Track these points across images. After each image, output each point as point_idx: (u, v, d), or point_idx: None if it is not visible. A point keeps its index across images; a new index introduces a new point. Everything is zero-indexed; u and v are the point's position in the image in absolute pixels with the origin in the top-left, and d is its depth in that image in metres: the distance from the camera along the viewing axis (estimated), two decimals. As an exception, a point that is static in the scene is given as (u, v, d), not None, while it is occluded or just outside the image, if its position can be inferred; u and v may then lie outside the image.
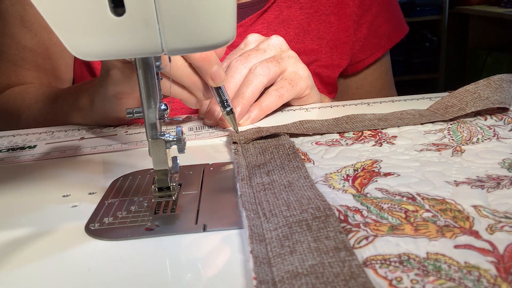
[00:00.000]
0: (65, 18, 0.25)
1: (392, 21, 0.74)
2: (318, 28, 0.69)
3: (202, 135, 0.48)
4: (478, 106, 0.46)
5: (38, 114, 0.61)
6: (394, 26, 0.74)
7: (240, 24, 0.65)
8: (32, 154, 0.46)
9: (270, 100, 0.51)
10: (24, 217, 0.33)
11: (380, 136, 0.43)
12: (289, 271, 0.23)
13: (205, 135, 0.48)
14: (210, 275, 0.25)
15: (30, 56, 0.68)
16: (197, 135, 0.48)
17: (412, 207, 0.29)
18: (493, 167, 0.35)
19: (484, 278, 0.22)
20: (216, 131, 0.49)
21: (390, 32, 0.74)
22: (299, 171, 0.34)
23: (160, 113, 0.32)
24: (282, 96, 0.52)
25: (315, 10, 0.68)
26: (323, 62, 0.70)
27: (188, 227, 0.30)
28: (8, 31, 0.67)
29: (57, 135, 0.52)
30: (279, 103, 0.52)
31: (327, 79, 0.71)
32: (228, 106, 0.46)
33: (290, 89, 0.52)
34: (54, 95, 0.61)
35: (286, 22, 0.67)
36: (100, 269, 0.26)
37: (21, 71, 0.69)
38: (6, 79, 0.69)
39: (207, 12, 0.26)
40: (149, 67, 0.30)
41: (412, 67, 2.69)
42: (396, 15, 0.76)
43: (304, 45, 0.68)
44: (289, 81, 0.52)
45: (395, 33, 0.75)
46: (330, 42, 0.70)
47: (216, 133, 0.49)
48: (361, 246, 0.26)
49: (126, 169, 0.40)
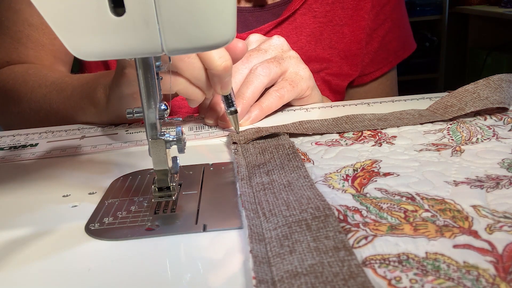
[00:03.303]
0: (65, 18, 0.25)
1: (402, 38, 0.75)
2: (331, 38, 0.69)
3: (202, 135, 0.48)
4: (477, 106, 0.46)
5: (43, 100, 0.59)
6: (403, 43, 0.76)
7: (260, 28, 0.66)
8: (33, 152, 0.46)
9: (271, 100, 0.51)
10: (24, 217, 0.33)
11: (379, 136, 0.43)
12: (289, 271, 0.23)
13: (205, 135, 0.48)
14: (210, 275, 0.25)
15: (36, 35, 0.67)
16: (197, 135, 0.48)
17: (412, 207, 0.29)
18: (492, 167, 0.35)
19: (483, 277, 0.22)
20: (216, 131, 0.49)
21: (399, 49, 0.75)
22: (299, 171, 0.34)
23: (160, 113, 0.32)
24: (283, 97, 0.52)
25: (329, 20, 0.69)
26: (333, 70, 0.70)
27: (188, 227, 0.30)
28: (15, 6, 0.66)
29: (58, 134, 0.52)
30: (279, 103, 0.52)
31: (336, 87, 0.72)
32: (233, 106, 0.46)
33: (290, 89, 0.52)
34: (62, 83, 0.59)
35: (299, 29, 0.68)
36: (100, 269, 0.26)
37: (23, 49, 0.67)
38: (6, 55, 0.68)
39: (207, 12, 0.26)
40: (149, 67, 0.31)
41: (412, 67, 2.68)
42: (406, 32, 0.77)
43: (316, 53, 0.69)
44: (290, 82, 0.52)
45: (403, 50, 0.76)
46: (342, 52, 0.70)
47: (216, 133, 0.49)
48: (360, 246, 0.26)
49: (126, 169, 0.40)
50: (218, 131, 0.49)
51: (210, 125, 0.51)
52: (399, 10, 0.75)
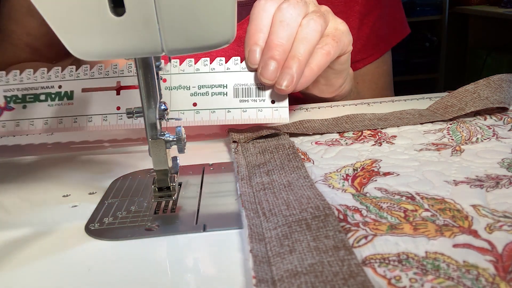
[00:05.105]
0: (65, 18, 0.25)
1: (394, 23, 0.74)
2: None
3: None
4: (477, 106, 0.46)
5: None
6: (394, 29, 0.75)
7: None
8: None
9: (318, 58, 0.46)
10: (24, 217, 0.33)
11: (379, 135, 0.44)
12: (289, 270, 0.23)
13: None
14: (210, 275, 0.25)
15: (34, 43, 0.69)
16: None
17: (411, 207, 0.29)
18: (492, 167, 0.35)
19: (482, 277, 0.22)
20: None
21: (390, 35, 0.74)
22: (299, 171, 0.34)
23: (160, 113, 0.32)
24: (329, 53, 0.47)
25: None
26: None
27: (188, 227, 0.30)
28: (14, 16, 0.68)
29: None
30: (327, 60, 0.47)
31: None
32: None
33: (335, 45, 0.48)
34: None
35: None
36: (100, 269, 0.26)
37: (21, 53, 0.70)
38: (5, 58, 0.70)
39: (207, 12, 0.26)
40: (149, 67, 0.31)
41: (412, 67, 2.68)
42: (398, 17, 0.76)
43: None
44: (332, 37, 0.48)
45: (394, 35, 0.75)
46: None
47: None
48: (360, 245, 0.26)
49: (126, 169, 0.40)
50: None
51: (268, 85, 0.45)
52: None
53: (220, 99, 0.44)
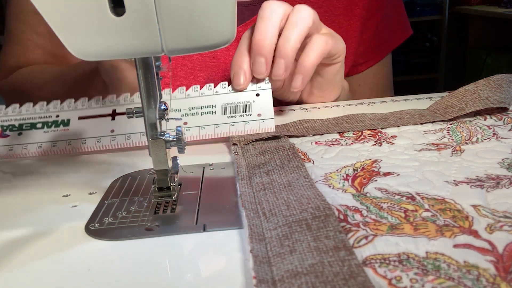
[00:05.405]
0: (65, 18, 0.25)
1: (395, 27, 0.75)
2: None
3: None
4: (477, 106, 0.46)
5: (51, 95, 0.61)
6: (396, 32, 0.75)
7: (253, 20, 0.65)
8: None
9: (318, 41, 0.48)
10: (24, 217, 0.33)
11: (379, 136, 0.43)
12: (289, 270, 0.23)
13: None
14: (210, 275, 0.25)
15: (43, 42, 0.68)
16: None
17: (412, 207, 0.29)
18: (492, 167, 0.35)
19: (483, 277, 0.22)
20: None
21: (391, 38, 0.74)
22: (299, 171, 0.34)
23: (160, 113, 0.32)
24: (328, 43, 0.48)
25: (325, 10, 0.68)
26: None
27: (188, 227, 0.30)
28: (23, 17, 0.68)
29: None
30: (326, 48, 0.48)
31: None
32: None
33: (332, 40, 0.49)
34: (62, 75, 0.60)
35: None
36: (100, 269, 0.26)
37: (31, 54, 0.69)
38: (16, 60, 0.69)
39: (207, 12, 0.26)
40: (149, 67, 0.31)
41: (412, 67, 2.68)
42: (401, 19, 0.76)
43: None
44: (328, 35, 0.50)
45: (396, 38, 0.75)
46: None
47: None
48: (361, 246, 0.26)
49: (126, 169, 0.40)
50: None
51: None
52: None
53: (210, 117, 0.46)
